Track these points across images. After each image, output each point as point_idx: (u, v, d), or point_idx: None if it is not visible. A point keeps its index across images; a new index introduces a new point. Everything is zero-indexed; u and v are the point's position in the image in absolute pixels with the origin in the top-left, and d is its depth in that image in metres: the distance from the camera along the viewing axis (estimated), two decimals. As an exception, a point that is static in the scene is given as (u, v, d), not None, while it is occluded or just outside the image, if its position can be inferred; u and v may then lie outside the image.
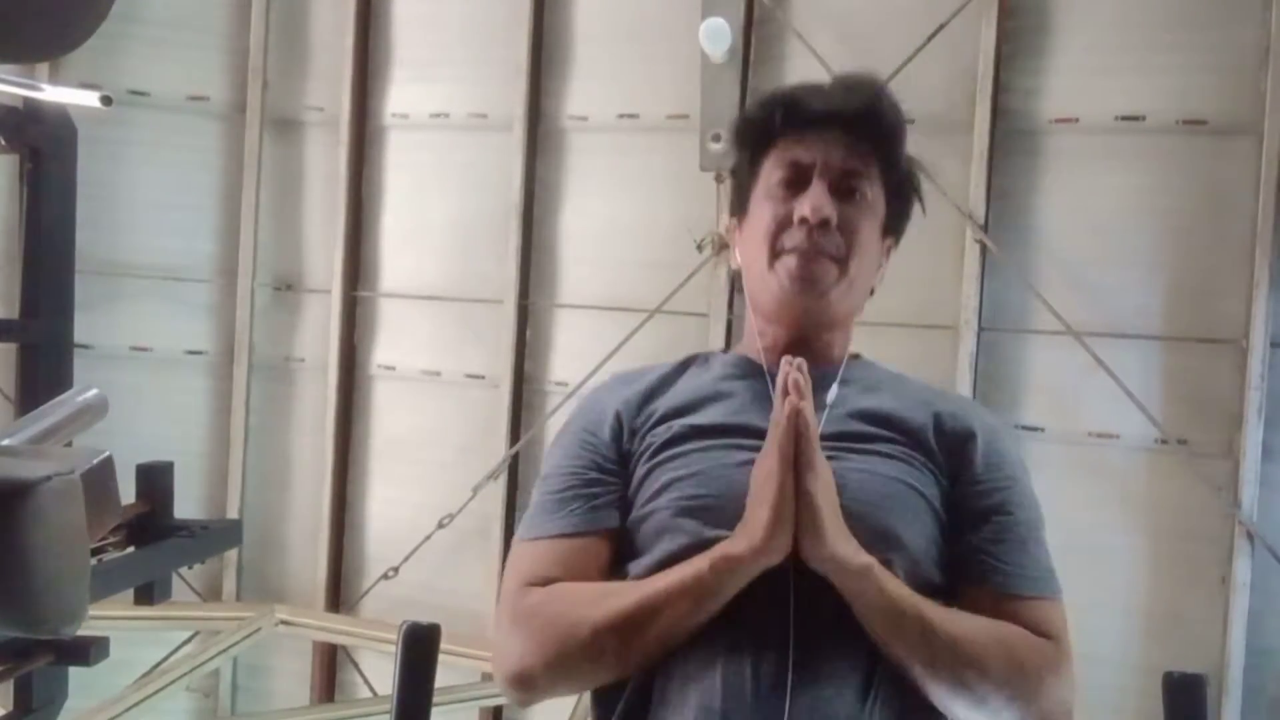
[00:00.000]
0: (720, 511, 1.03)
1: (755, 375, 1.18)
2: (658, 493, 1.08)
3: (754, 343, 1.22)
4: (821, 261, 1.14)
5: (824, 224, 1.13)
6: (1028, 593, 1.06)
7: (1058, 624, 1.05)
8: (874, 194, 1.18)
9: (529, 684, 1.03)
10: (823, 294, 1.15)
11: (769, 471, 0.99)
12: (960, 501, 1.10)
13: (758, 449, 1.03)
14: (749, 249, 1.20)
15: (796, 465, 0.98)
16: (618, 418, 1.15)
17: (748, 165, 1.23)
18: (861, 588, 0.98)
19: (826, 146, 1.16)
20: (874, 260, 1.20)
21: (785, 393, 1.03)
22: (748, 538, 0.98)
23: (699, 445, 1.10)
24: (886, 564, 1.01)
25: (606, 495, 1.11)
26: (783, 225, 1.15)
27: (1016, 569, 1.07)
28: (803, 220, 1.13)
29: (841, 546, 0.98)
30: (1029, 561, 1.08)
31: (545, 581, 1.06)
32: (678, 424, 1.13)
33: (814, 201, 1.13)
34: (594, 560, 1.08)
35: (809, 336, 1.18)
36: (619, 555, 1.10)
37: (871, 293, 1.24)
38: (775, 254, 1.16)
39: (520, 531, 1.13)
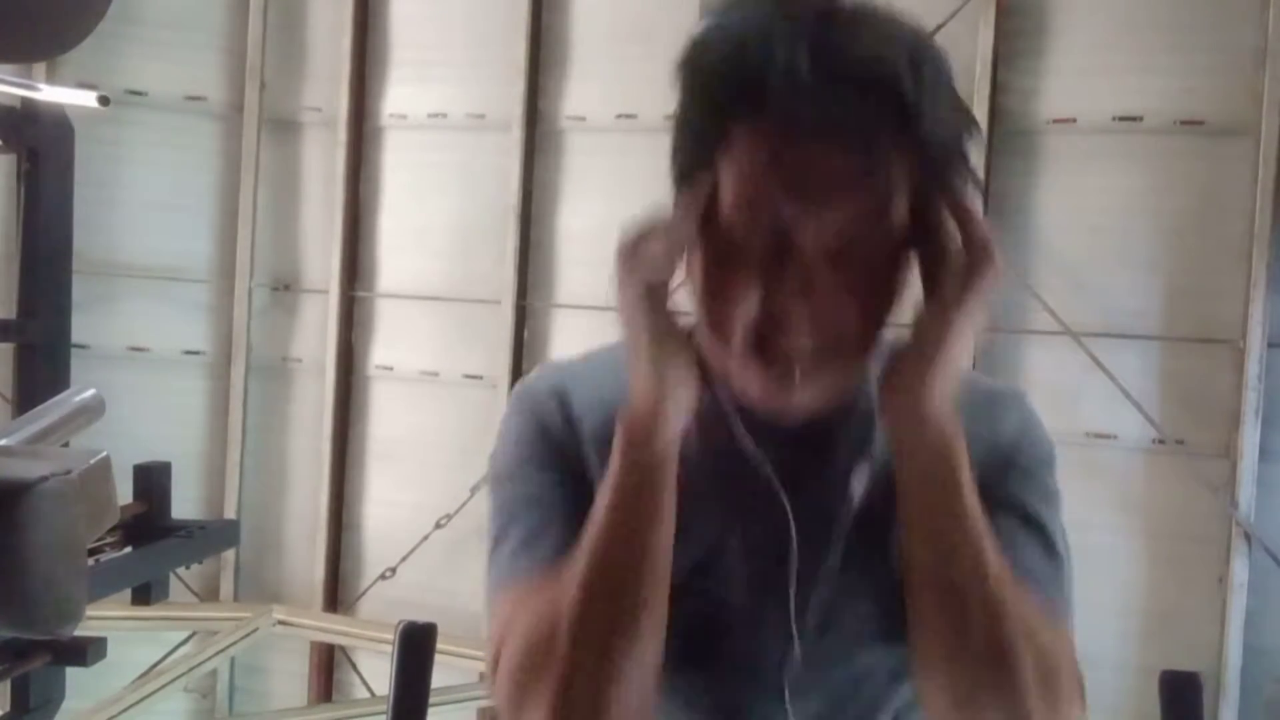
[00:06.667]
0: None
1: (726, 448, 0.85)
2: None
3: (719, 372, 0.83)
4: (809, 375, 0.77)
5: (813, 314, 0.75)
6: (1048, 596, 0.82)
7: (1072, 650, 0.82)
8: (894, 217, 0.76)
9: None
10: (815, 397, 0.80)
11: (630, 326, 0.81)
12: None
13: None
14: (700, 310, 0.81)
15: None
16: (577, 447, 0.89)
17: (694, 152, 0.81)
18: (937, 469, 0.77)
19: (814, 184, 0.73)
20: (895, 295, 0.80)
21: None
22: (633, 406, 0.79)
23: None
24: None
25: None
26: (747, 304, 0.77)
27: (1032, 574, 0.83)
28: (780, 315, 0.75)
29: (941, 391, 0.76)
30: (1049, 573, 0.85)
31: None
32: None
33: (796, 294, 0.74)
34: None
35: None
36: None
37: None
38: (739, 348, 0.78)
39: (492, 576, 0.90)
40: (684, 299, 0.83)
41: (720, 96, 0.77)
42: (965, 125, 0.77)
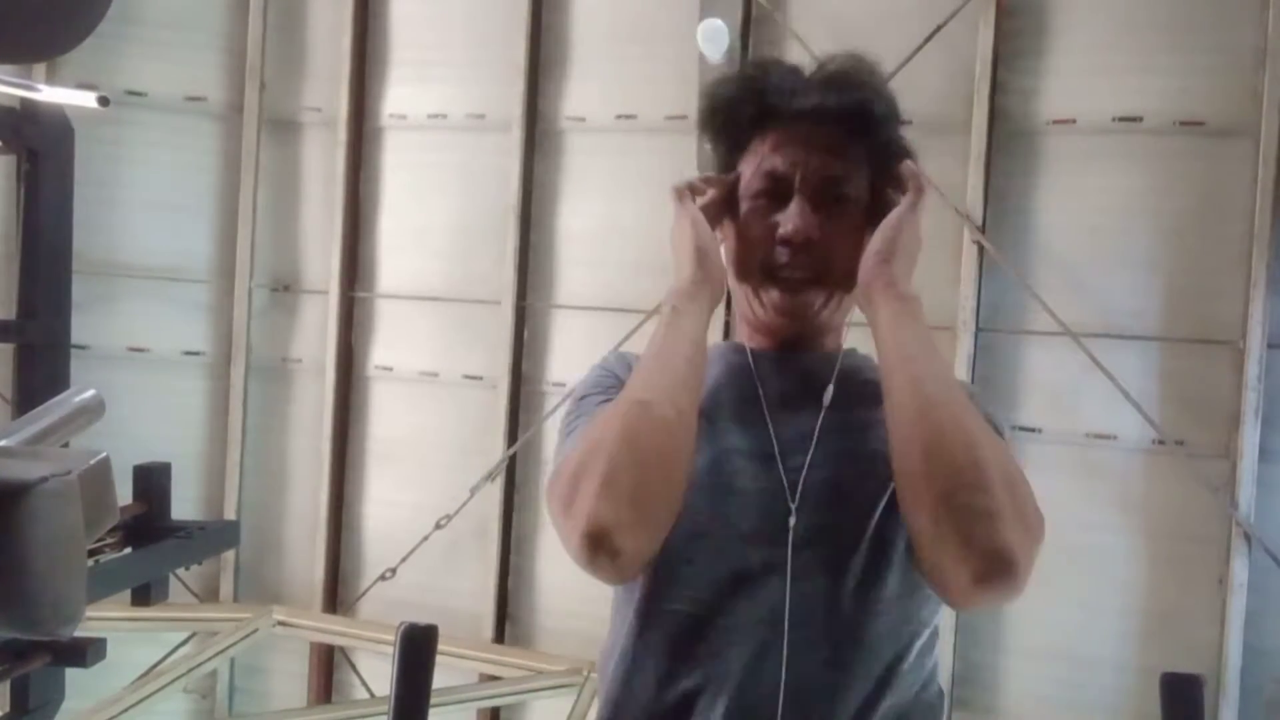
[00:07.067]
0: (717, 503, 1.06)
1: (744, 373, 1.17)
2: None
3: (742, 333, 1.22)
4: (806, 292, 1.13)
5: (806, 243, 1.10)
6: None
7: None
8: (859, 190, 1.14)
9: (605, 533, 0.93)
10: (809, 319, 1.15)
11: (680, 229, 1.15)
12: None
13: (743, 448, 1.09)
14: (733, 262, 1.18)
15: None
16: None
17: (725, 159, 1.20)
18: (904, 313, 1.05)
19: (807, 152, 1.12)
20: (860, 253, 1.14)
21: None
22: (679, 278, 1.12)
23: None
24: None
25: None
26: (764, 246, 1.13)
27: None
28: (785, 241, 1.10)
29: (901, 271, 1.08)
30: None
31: None
32: None
33: (795, 223, 1.10)
34: None
35: (798, 342, 1.17)
36: None
37: None
38: (758, 279, 1.14)
39: (561, 453, 1.10)
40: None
41: (747, 111, 1.16)
42: (906, 142, 1.17)
